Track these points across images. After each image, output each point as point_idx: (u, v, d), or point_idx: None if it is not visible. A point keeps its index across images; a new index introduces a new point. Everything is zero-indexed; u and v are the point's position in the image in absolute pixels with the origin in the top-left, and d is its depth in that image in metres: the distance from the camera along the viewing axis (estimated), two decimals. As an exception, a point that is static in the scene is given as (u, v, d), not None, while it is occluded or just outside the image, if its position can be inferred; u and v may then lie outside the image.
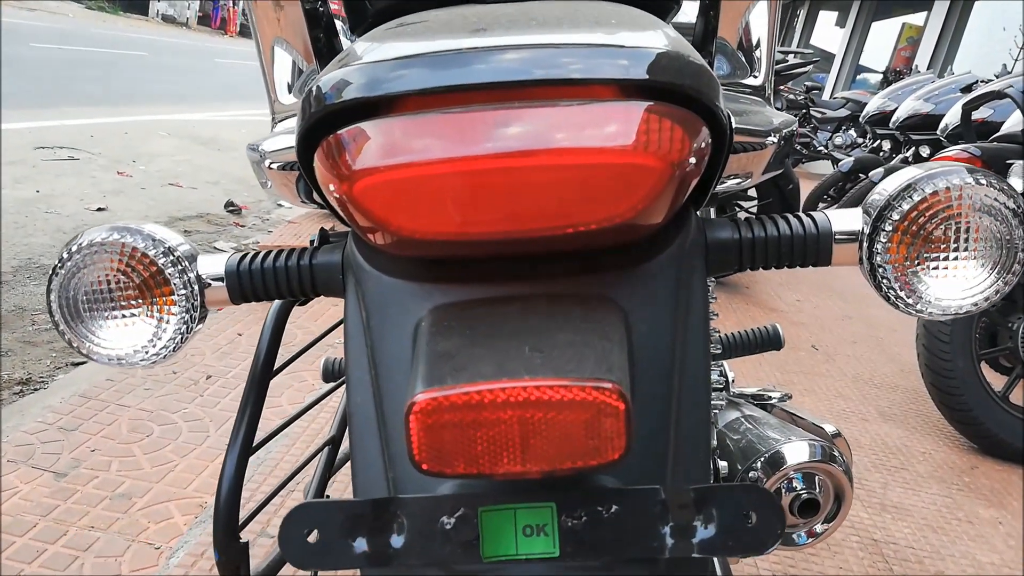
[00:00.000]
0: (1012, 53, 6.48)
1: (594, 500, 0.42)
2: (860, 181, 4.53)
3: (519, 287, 0.47)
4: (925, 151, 4.42)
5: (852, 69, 10.85)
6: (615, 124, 0.40)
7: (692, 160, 0.43)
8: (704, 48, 0.70)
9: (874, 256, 0.49)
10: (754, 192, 3.50)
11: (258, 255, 0.55)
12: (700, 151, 0.44)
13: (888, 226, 0.48)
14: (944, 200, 0.47)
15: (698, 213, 0.54)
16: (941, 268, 0.49)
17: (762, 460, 0.83)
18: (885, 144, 5.18)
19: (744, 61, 0.75)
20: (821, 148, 6.76)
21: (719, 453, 0.89)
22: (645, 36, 0.44)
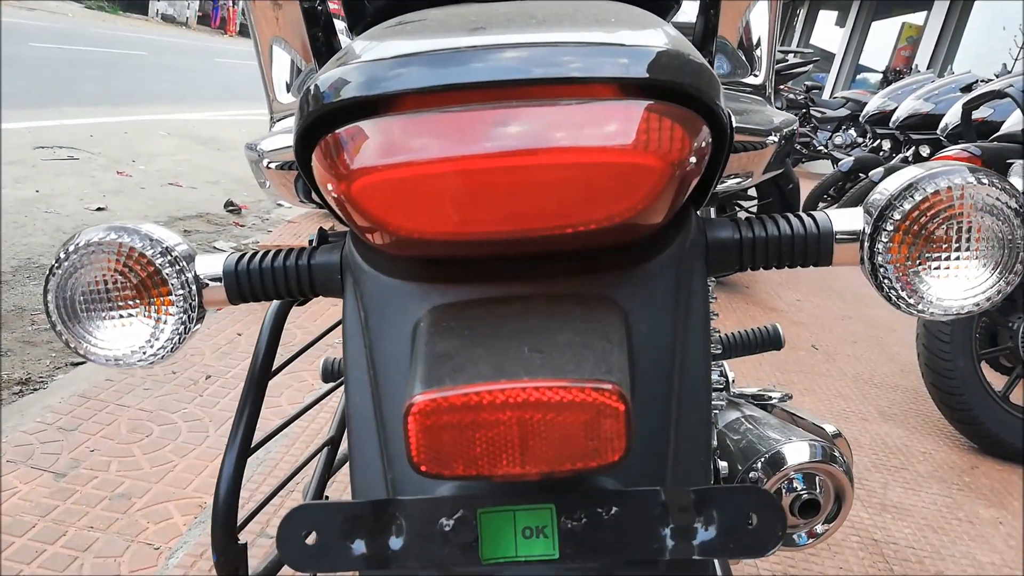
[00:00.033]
0: (1012, 53, 6.47)
1: (594, 501, 0.42)
2: (860, 181, 4.53)
3: (518, 287, 0.47)
4: (925, 151, 4.42)
5: (852, 69, 10.84)
6: (615, 123, 0.40)
7: (692, 159, 0.43)
8: (704, 47, 0.70)
9: (875, 256, 0.49)
10: (754, 192, 3.49)
11: (256, 255, 0.55)
12: (700, 150, 0.43)
13: (889, 226, 0.48)
14: (946, 200, 0.47)
15: (698, 213, 0.54)
16: (943, 268, 0.48)
17: (762, 460, 0.83)
18: (885, 144, 5.18)
19: (744, 60, 0.74)
20: (821, 148, 6.75)
21: (719, 453, 0.88)
22: (645, 34, 0.44)
